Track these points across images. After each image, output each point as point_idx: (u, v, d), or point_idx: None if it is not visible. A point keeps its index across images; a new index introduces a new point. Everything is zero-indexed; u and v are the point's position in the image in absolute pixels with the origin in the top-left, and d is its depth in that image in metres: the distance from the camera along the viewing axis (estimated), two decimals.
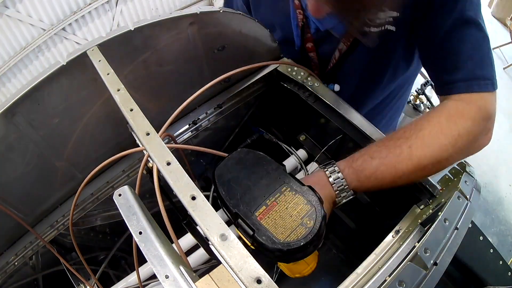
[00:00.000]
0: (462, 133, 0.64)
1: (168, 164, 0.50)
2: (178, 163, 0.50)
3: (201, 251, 0.86)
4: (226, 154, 0.69)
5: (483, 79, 0.68)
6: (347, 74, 1.00)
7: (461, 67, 0.68)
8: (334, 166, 0.68)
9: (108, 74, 0.62)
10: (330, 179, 0.66)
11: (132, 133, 0.58)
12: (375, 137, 0.79)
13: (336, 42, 0.93)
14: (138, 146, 0.57)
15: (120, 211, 0.54)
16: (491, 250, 0.72)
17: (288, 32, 0.98)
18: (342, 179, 0.66)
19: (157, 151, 0.52)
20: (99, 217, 1.02)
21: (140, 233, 0.51)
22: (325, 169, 0.68)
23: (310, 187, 0.59)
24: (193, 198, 0.46)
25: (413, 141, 0.65)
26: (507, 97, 3.59)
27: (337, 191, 0.66)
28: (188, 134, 0.94)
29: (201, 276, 0.48)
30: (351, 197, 0.67)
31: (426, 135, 0.65)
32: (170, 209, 0.58)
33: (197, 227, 0.63)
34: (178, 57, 0.81)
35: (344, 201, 0.67)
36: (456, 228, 0.59)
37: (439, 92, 0.75)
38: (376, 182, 0.66)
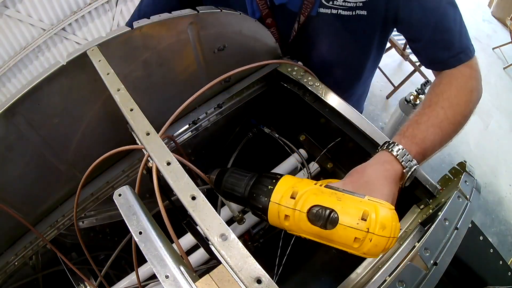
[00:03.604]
0: (474, 89, 0.82)
1: (168, 164, 0.50)
2: (178, 163, 0.50)
3: (201, 251, 0.86)
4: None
5: (471, 47, 0.85)
6: (310, 50, 1.04)
7: (456, 42, 0.84)
8: (391, 142, 0.73)
9: (108, 74, 0.62)
10: (393, 153, 0.70)
11: (132, 133, 0.58)
12: (375, 137, 0.79)
13: (294, 16, 0.96)
14: None
15: (120, 211, 0.54)
16: (491, 250, 0.72)
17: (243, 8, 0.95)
18: (403, 149, 0.70)
19: (157, 151, 0.52)
20: (99, 217, 1.02)
21: (140, 233, 0.51)
22: (385, 148, 0.72)
23: None
24: (193, 198, 0.46)
25: (443, 103, 0.78)
26: (507, 97, 3.58)
27: (403, 162, 0.69)
28: (188, 134, 0.94)
29: (201, 276, 0.47)
30: (415, 167, 0.69)
31: (451, 96, 0.79)
32: (170, 209, 0.59)
33: (197, 227, 0.63)
34: (178, 57, 0.81)
35: (410, 172, 0.69)
36: (456, 228, 0.59)
37: (440, 68, 0.87)
38: (430, 144, 0.74)
